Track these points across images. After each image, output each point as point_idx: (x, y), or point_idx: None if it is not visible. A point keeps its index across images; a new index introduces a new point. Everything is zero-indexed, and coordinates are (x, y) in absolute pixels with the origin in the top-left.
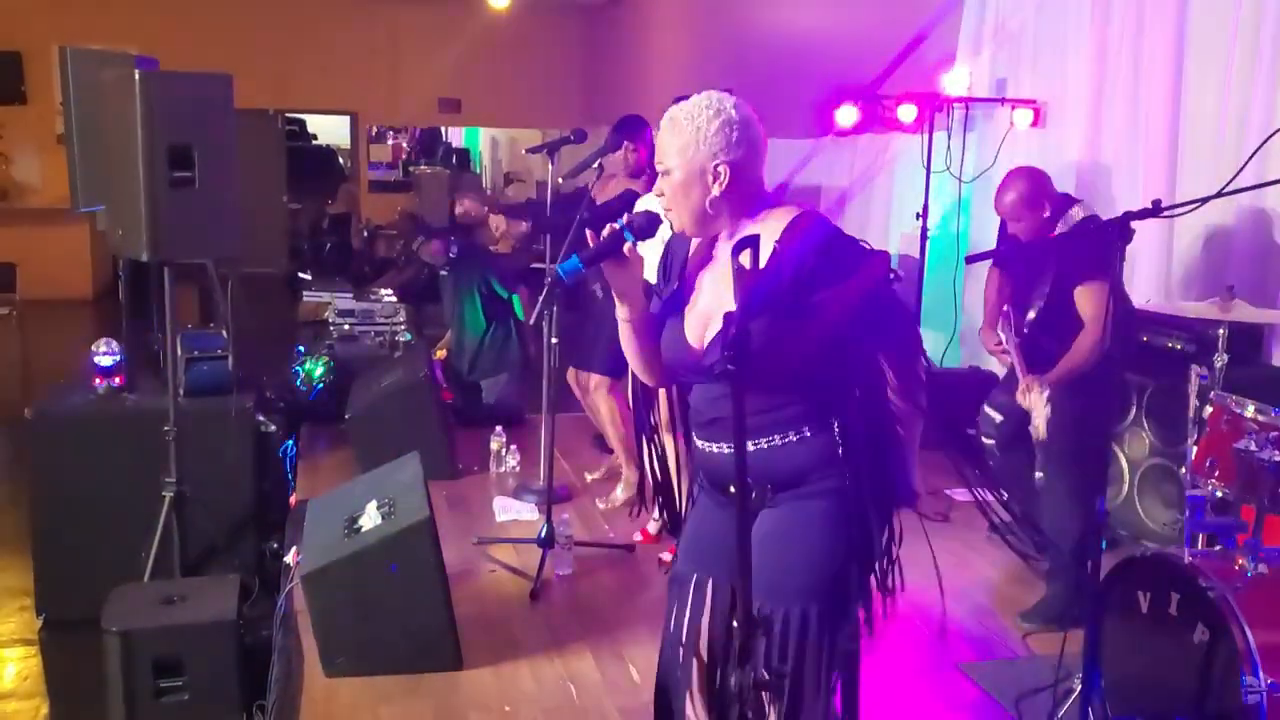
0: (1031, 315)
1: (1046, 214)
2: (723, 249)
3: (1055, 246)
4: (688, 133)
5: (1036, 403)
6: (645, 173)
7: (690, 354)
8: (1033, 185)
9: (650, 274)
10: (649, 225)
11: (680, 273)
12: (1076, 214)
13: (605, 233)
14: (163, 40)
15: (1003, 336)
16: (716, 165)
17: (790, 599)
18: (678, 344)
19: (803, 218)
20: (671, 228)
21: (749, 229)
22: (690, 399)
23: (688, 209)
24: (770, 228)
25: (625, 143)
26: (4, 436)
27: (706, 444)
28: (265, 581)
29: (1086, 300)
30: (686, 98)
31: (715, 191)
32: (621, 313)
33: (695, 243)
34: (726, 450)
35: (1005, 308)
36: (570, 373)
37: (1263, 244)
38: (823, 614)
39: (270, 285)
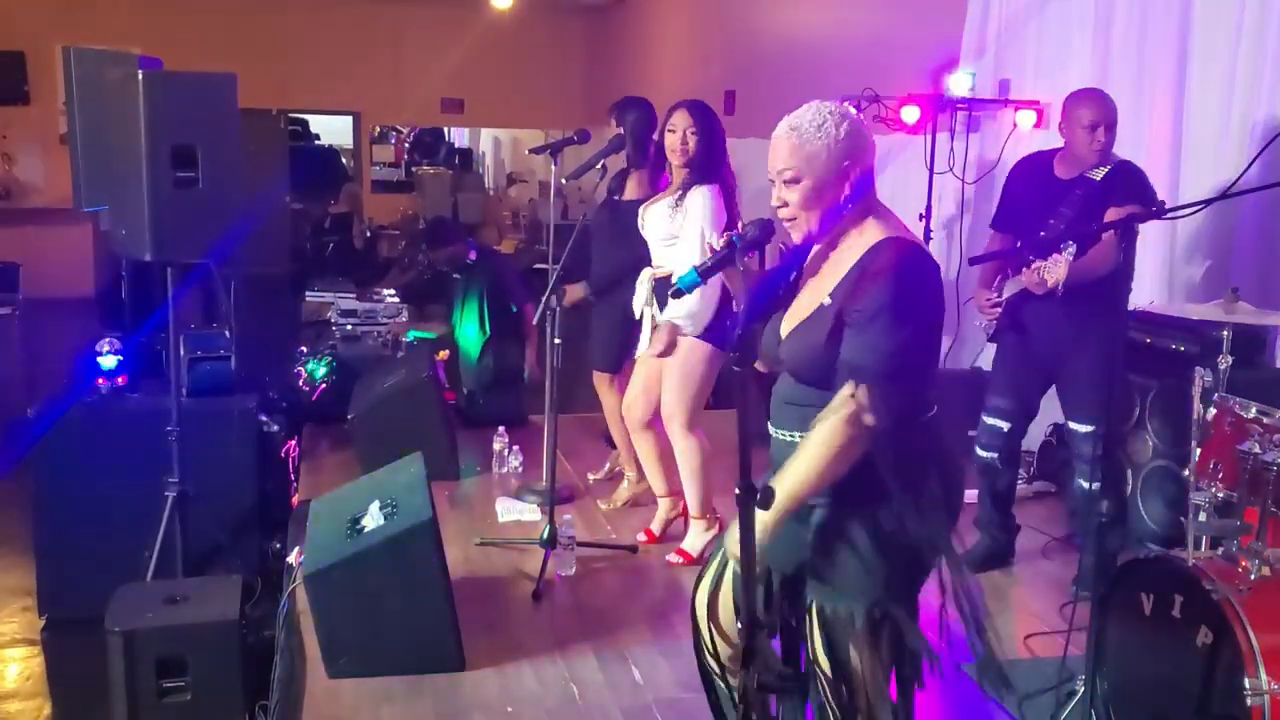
0: (1071, 253)
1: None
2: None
3: (1092, 186)
4: (817, 141)
5: (1056, 266)
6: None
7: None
8: (1112, 109)
9: None
10: (760, 236)
11: (796, 278)
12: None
13: (720, 245)
14: (166, 40)
15: (1001, 292)
16: (848, 168)
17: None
18: (766, 335)
19: (890, 243)
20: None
21: (851, 236)
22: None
23: (819, 215)
24: (860, 242)
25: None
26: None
27: (772, 428)
28: (268, 581)
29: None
30: (693, 99)
31: (843, 196)
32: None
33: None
34: (786, 438)
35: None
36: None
37: (1267, 246)
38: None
39: (273, 285)
